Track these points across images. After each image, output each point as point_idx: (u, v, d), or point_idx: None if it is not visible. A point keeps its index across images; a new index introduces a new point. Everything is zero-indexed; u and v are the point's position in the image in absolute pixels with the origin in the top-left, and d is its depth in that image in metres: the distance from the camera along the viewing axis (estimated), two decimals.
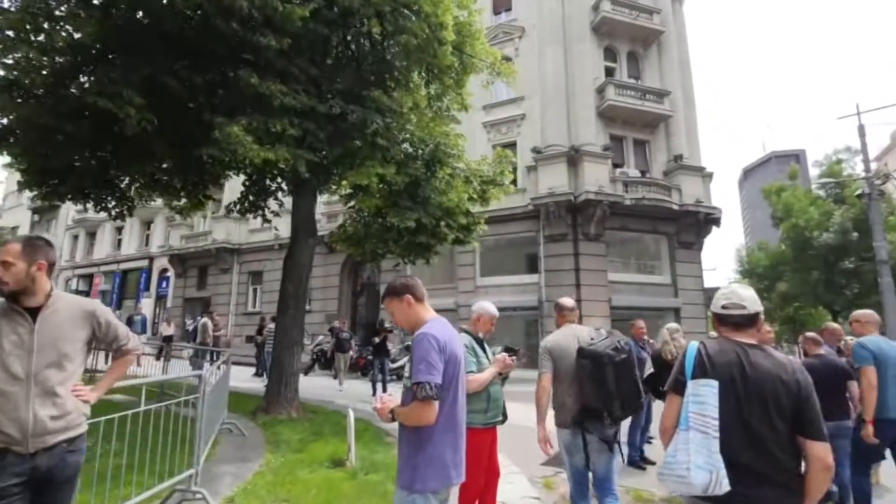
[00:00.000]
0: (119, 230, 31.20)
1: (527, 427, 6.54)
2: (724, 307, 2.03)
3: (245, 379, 11.88)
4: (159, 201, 10.33)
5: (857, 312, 4.41)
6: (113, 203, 7.82)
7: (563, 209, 16.24)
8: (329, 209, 20.12)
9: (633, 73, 19.12)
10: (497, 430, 3.38)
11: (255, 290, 24.03)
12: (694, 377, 1.91)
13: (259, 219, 9.98)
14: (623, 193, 16.42)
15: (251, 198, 9.01)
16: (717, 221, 18.20)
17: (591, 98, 17.63)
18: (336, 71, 8.39)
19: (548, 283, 16.54)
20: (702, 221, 17.53)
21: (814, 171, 22.14)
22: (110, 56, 6.40)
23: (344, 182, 8.55)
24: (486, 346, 3.43)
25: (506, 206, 17.58)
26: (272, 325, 11.77)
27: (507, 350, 8.54)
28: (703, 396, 1.85)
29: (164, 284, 28.07)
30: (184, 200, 9.33)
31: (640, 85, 18.34)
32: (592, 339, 3.25)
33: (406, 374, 2.22)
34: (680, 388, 1.96)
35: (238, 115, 6.54)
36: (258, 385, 10.63)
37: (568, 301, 3.66)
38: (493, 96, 19.10)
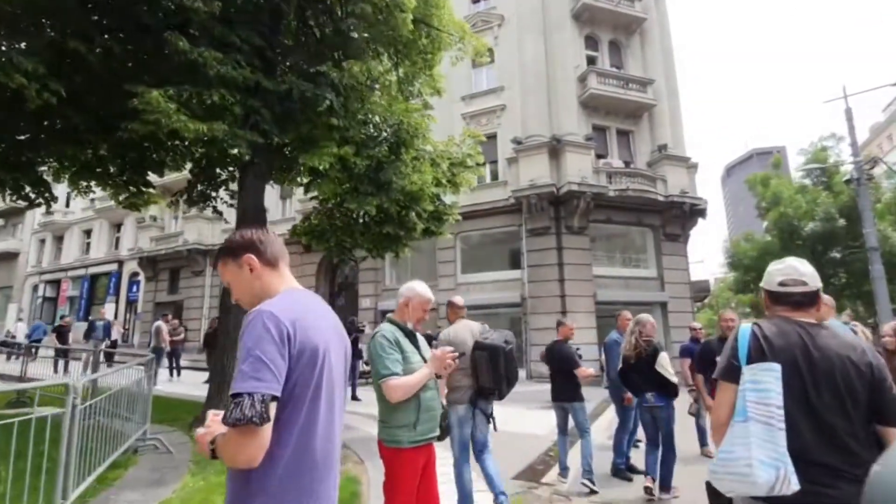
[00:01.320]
0: (87, 233, 29.95)
1: (504, 432, 5.84)
2: (781, 284, 1.82)
3: (198, 384, 11.05)
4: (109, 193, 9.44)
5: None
6: (28, 189, 6.94)
7: (546, 202, 15.63)
8: (304, 207, 19.29)
9: (615, 62, 18.61)
10: (434, 448, 2.66)
11: (227, 291, 23.04)
12: (750, 362, 1.70)
13: (231, 218, 9.14)
14: (607, 184, 15.86)
15: (199, 188, 8.18)
16: (702, 213, 17.75)
17: (573, 87, 17.08)
18: (294, 48, 7.66)
19: (531, 278, 15.91)
20: (687, 213, 17.06)
21: (798, 160, 21.93)
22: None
23: (303, 168, 7.77)
24: (418, 338, 2.71)
25: (486, 200, 17.03)
26: None
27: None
28: (765, 383, 1.63)
29: (134, 289, 26.94)
30: (132, 190, 8.46)
31: (622, 73, 17.83)
32: (484, 333, 3.89)
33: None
34: (734, 375, 1.73)
35: (168, 86, 5.76)
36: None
37: (459, 299, 4.47)
38: (472, 86, 18.57)
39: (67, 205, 30.90)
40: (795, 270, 1.83)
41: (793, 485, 1.53)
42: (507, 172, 16.99)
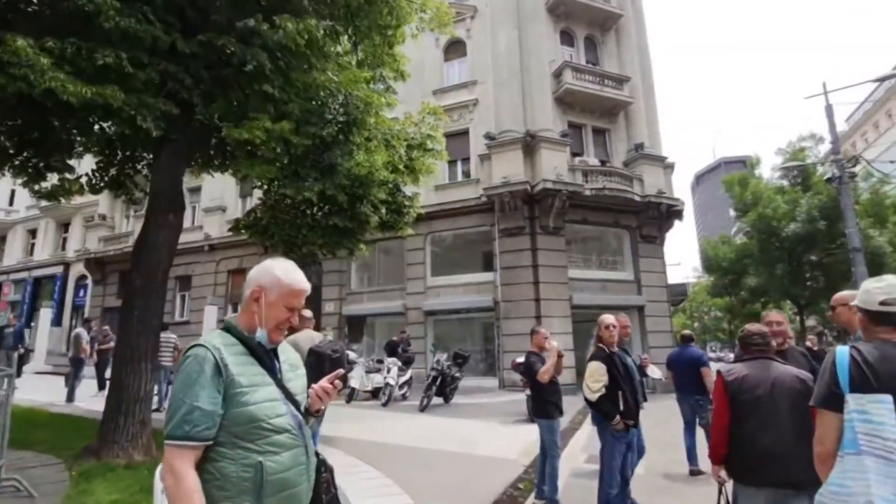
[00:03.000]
0: (32, 233, 27.83)
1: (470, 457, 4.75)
2: (884, 303, 1.72)
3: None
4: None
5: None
6: None
7: (520, 200, 14.83)
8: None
9: (590, 58, 18.06)
10: None
11: (182, 298, 21.53)
12: (853, 390, 1.62)
13: (188, 218, 7.97)
14: (583, 183, 15.18)
15: (112, 171, 6.99)
16: (679, 214, 17.29)
17: (548, 82, 16.40)
18: (222, 4, 6.58)
19: (504, 281, 15.06)
20: (664, 214, 16.54)
21: (776, 160, 21.83)
22: None
23: (235, 147, 6.68)
24: (284, 356, 1.71)
25: (458, 199, 16.17)
26: (169, 336, 9.76)
27: (457, 356, 6.98)
28: (876, 415, 1.57)
29: (81, 293, 25.03)
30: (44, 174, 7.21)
31: (598, 70, 17.27)
32: (319, 342, 4.70)
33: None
34: (836, 404, 1.65)
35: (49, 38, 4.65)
36: None
37: (308, 311, 4.99)
38: (443, 80, 17.74)
39: (11, 203, 28.73)
40: None
41: None
42: (480, 170, 16.16)
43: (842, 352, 1.72)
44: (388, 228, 8.06)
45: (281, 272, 1.53)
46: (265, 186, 7.82)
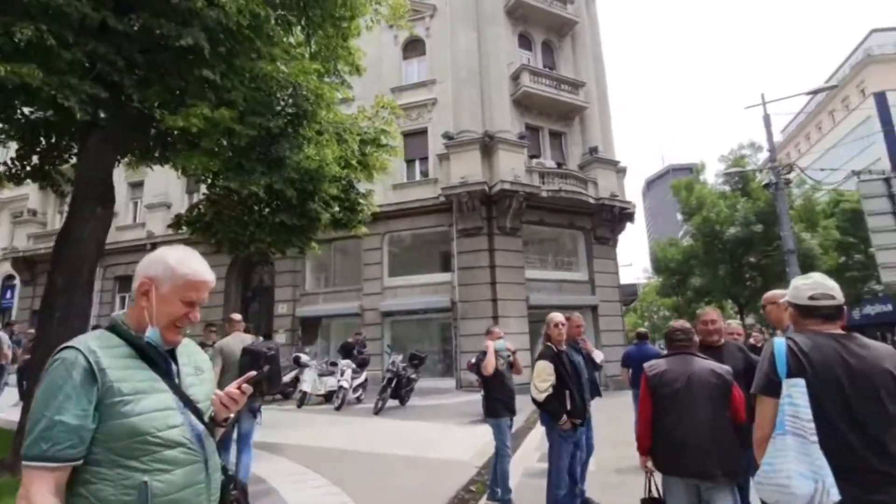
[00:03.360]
0: None
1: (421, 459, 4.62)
2: (811, 298, 1.89)
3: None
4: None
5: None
6: None
7: (477, 201, 14.84)
8: None
9: (547, 62, 18.38)
10: None
11: (123, 299, 20.23)
12: (789, 376, 1.76)
13: (130, 215, 7.33)
14: (539, 184, 15.39)
15: (35, 158, 6.38)
16: (631, 217, 17.85)
17: (506, 84, 16.53)
18: None
19: (462, 281, 15.02)
20: (617, 216, 17.04)
21: (720, 167, 23.06)
22: None
23: (174, 137, 6.27)
24: (187, 358, 1.51)
25: (415, 199, 16.01)
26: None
27: (413, 358, 6.87)
28: (794, 397, 1.73)
29: (8, 294, 23.09)
30: None
31: (555, 74, 17.59)
32: (252, 343, 4.80)
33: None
34: (774, 390, 1.79)
35: None
36: None
37: (237, 315, 5.32)
38: (402, 79, 17.54)
39: None
40: (823, 285, 1.90)
41: (833, 496, 1.58)
42: (438, 170, 16.07)
43: (779, 343, 1.83)
44: (342, 227, 7.79)
45: (174, 261, 1.31)
46: (209, 180, 7.38)
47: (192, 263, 1.33)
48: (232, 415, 1.39)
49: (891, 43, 36.05)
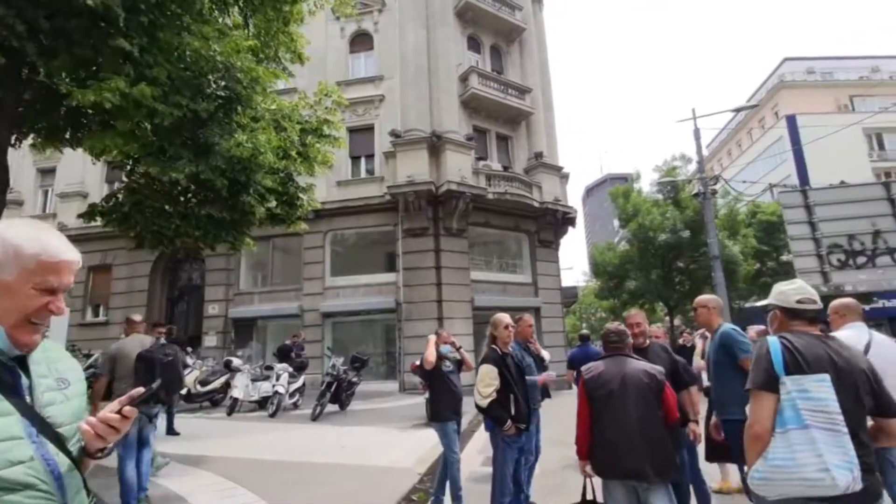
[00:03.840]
0: None
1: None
2: (799, 302, 2.04)
3: None
4: None
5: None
6: None
7: (424, 200, 14.66)
8: None
9: (496, 66, 18.56)
10: None
11: None
12: (787, 373, 1.85)
13: (38, 204, 6.36)
14: (486, 187, 15.45)
15: None
16: (572, 221, 18.38)
17: (455, 85, 16.50)
18: None
19: (407, 282, 14.76)
20: (560, 220, 17.47)
21: (654, 176, 24.42)
22: None
23: (90, 115, 5.58)
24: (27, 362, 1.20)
25: (360, 196, 15.58)
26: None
27: (354, 360, 6.62)
28: (819, 392, 1.79)
29: None
30: None
31: (503, 78, 17.80)
32: (151, 346, 4.54)
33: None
34: (773, 385, 1.86)
35: None
36: None
37: (137, 316, 4.94)
38: (349, 73, 17.04)
39: None
40: (807, 290, 2.05)
41: (860, 483, 1.70)
42: (384, 168, 15.72)
43: (773, 341, 1.93)
44: (280, 222, 7.30)
45: (18, 238, 1.00)
46: (128, 166, 6.68)
47: (44, 239, 1.02)
48: (110, 445, 1.09)
49: (801, 70, 39.88)
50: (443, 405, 4.39)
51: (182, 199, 6.64)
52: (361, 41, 17.40)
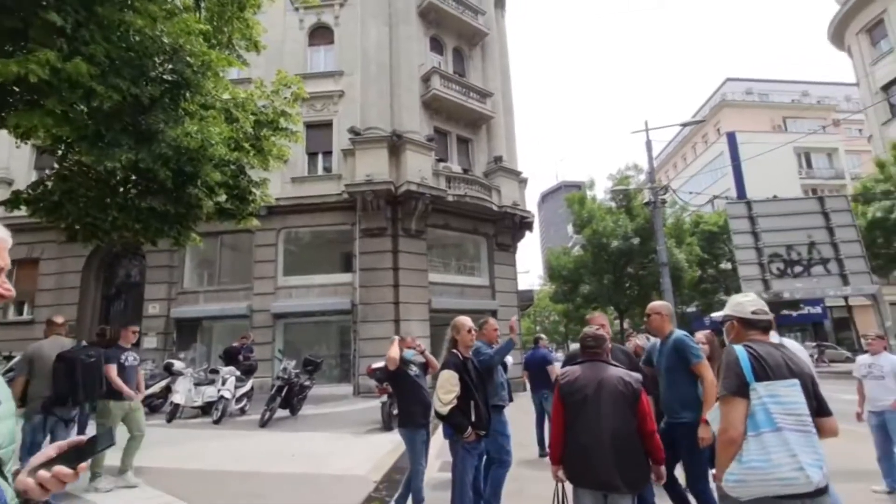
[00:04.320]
0: None
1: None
2: (754, 313, 2.16)
3: None
4: None
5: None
6: None
7: (383, 200, 14.42)
8: None
9: (458, 69, 18.59)
10: None
11: None
12: (756, 379, 1.93)
13: None
14: (446, 188, 15.41)
15: None
16: (529, 226, 18.67)
17: (417, 85, 16.37)
18: None
19: (363, 283, 14.45)
20: (517, 224, 17.70)
21: (608, 184, 25.35)
22: None
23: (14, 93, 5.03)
24: None
25: (317, 194, 15.12)
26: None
27: (307, 363, 6.26)
28: (790, 396, 1.90)
29: None
30: None
31: (465, 81, 17.83)
32: (71, 348, 4.56)
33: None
34: (745, 391, 1.93)
35: None
36: None
37: (59, 318, 4.94)
38: (308, 66, 16.53)
39: None
40: (760, 302, 2.20)
41: (825, 480, 1.85)
42: (343, 165, 15.35)
43: (740, 350, 2.02)
44: (229, 217, 6.89)
45: None
46: (60, 151, 6.10)
47: None
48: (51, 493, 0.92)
49: (741, 91, 42.60)
50: (412, 412, 4.22)
51: (121, 189, 6.13)
52: (321, 34, 16.94)
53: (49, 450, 0.95)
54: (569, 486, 2.79)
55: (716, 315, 2.69)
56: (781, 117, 40.05)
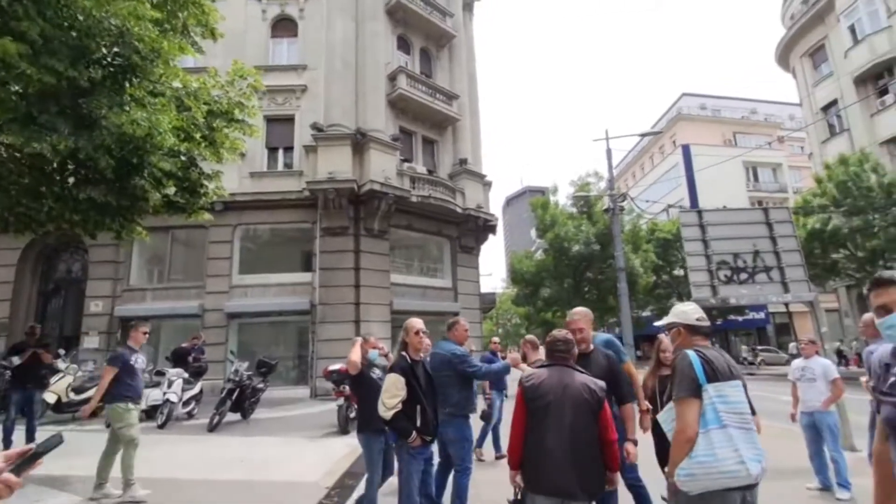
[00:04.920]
0: None
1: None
2: (698, 320, 2.34)
3: None
4: None
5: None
6: None
7: (345, 199, 14.15)
8: None
9: (424, 69, 18.53)
10: None
11: None
12: (708, 381, 2.09)
13: None
14: (410, 189, 15.30)
15: None
16: (493, 229, 18.81)
17: (383, 84, 16.19)
18: None
19: (323, 283, 14.13)
20: (481, 227, 17.79)
21: (570, 190, 25.95)
22: None
23: None
24: None
25: (276, 190, 14.70)
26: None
27: (261, 365, 6.02)
28: (735, 396, 2.09)
29: None
30: None
31: (431, 82, 17.79)
32: None
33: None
34: (699, 393, 2.08)
35: None
36: None
37: None
38: (269, 58, 16.05)
39: None
40: (702, 311, 2.39)
41: (763, 473, 2.05)
42: (304, 162, 14.97)
43: (692, 354, 2.18)
44: (179, 211, 6.54)
45: None
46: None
47: None
48: None
49: (696, 105, 44.59)
50: (372, 417, 4.06)
51: (58, 177, 5.70)
52: (285, 26, 16.49)
53: None
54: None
55: (659, 322, 2.75)
56: (732, 132, 42.22)
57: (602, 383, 2.73)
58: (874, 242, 15.95)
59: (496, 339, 7.98)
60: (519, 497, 2.81)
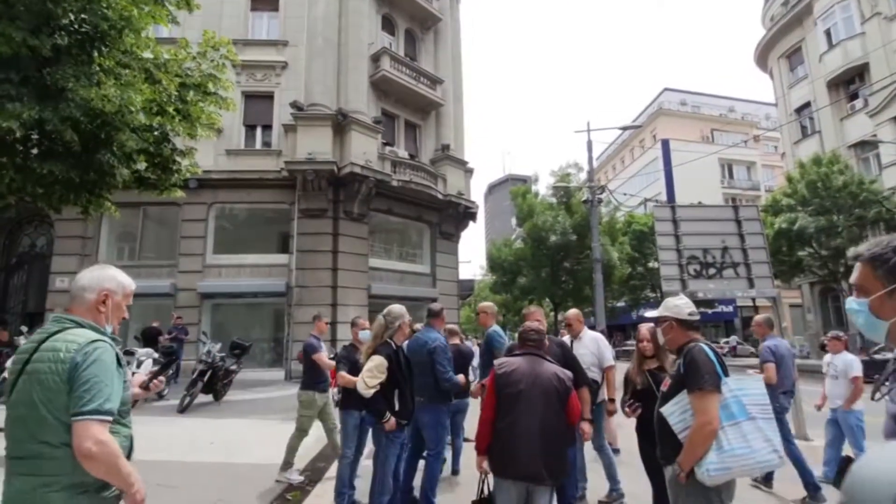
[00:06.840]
0: None
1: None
2: (690, 314, 2.37)
3: None
4: None
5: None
6: None
7: (324, 181, 13.95)
8: None
9: (409, 52, 18.26)
10: None
11: None
12: (725, 375, 2.14)
13: None
14: (391, 173, 15.17)
15: None
16: (473, 216, 18.84)
17: (365, 64, 15.89)
18: None
19: (300, 265, 13.98)
20: (462, 214, 17.81)
21: (551, 180, 26.13)
22: None
23: None
24: None
25: (253, 169, 14.39)
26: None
27: (234, 346, 5.55)
28: (758, 388, 2.15)
29: None
30: None
31: (415, 65, 17.55)
32: None
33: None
34: (720, 386, 2.10)
35: None
36: None
37: None
38: (249, 32, 15.56)
39: None
40: (693, 304, 2.41)
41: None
42: (283, 141, 14.66)
43: (706, 348, 2.22)
44: (150, 187, 6.35)
45: None
46: None
47: None
48: None
49: (676, 101, 45.18)
50: (350, 393, 4.13)
51: (20, 147, 5.45)
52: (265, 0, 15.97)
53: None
54: (490, 477, 2.83)
55: (650, 314, 2.83)
56: (710, 129, 42.97)
57: (570, 373, 2.84)
58: (838, 241, 16.60)
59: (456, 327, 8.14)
60: (485, 496, 2.89)
